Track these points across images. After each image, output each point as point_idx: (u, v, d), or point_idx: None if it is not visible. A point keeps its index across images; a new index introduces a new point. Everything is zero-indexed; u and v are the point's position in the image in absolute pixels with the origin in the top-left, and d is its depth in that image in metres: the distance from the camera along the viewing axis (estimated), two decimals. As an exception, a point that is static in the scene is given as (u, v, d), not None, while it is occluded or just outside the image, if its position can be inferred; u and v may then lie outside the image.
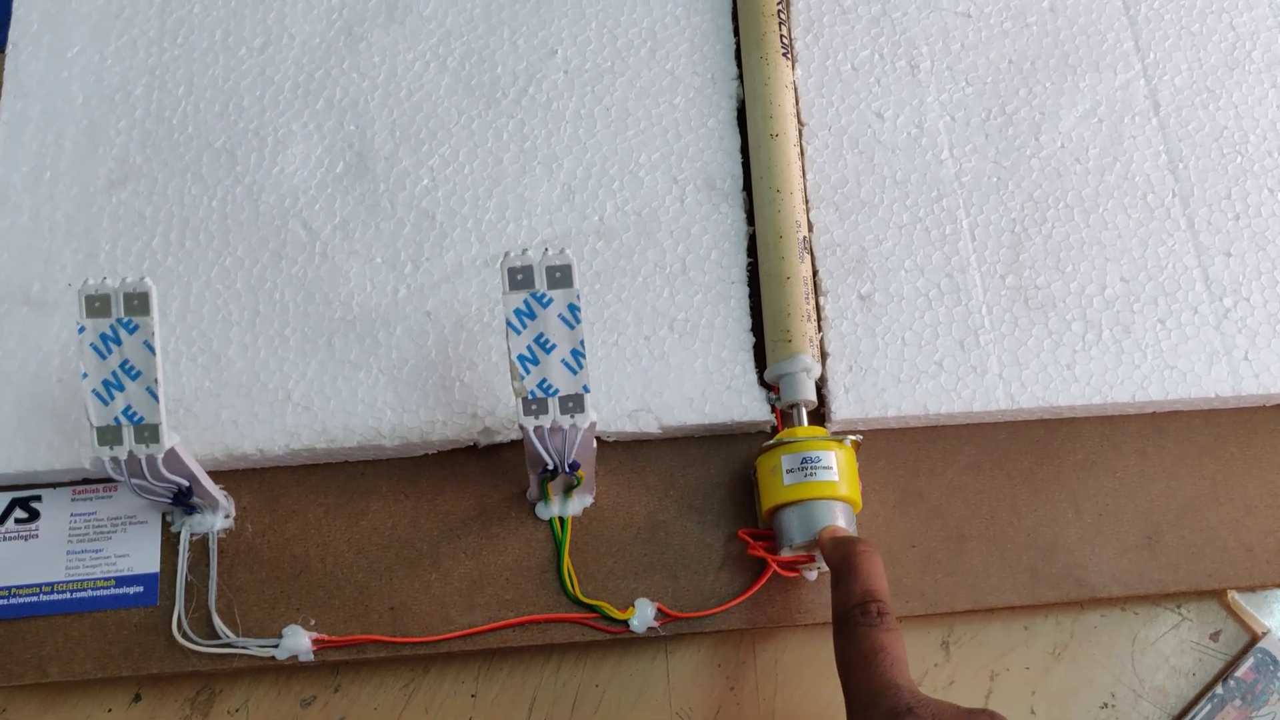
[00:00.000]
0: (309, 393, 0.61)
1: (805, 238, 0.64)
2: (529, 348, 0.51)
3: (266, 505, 0.61)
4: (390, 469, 0.61)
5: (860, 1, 0.71)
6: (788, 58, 0.68)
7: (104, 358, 0.51)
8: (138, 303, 0.51)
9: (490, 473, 0.61)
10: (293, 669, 0.59)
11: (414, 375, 0.61)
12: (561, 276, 0.51)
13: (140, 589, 0.59)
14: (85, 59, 0.69)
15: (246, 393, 0.61)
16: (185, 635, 0.58)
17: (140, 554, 0.59)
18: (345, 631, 0.58)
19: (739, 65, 0.69)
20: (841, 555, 0.52)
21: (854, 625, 0.50)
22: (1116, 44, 0.71)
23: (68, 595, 0.59)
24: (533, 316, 0.51)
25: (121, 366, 0.51)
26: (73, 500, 0.60)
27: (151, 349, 0.51)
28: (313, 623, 0.58)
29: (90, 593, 0.59)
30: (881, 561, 0.52)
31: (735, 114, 0.68)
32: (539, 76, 0.69)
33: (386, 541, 0.60)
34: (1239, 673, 0.60)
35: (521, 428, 0.52)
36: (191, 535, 0.60)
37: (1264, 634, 0.60)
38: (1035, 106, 0.69)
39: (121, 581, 0.59)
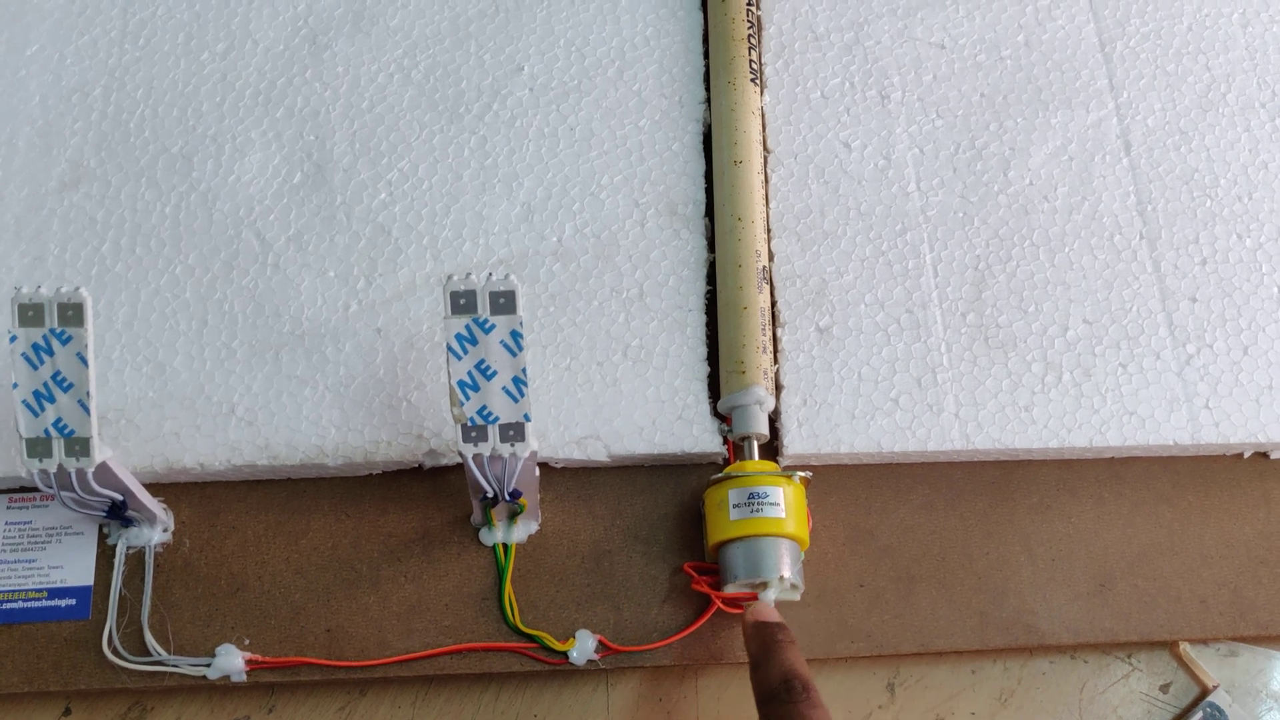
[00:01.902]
0: (253, 407, 0.60)
1: (765, 267, 0.63)
2: (469, 373, 0.50)
3: (206, 520, 0.59)
4: (333, 488, 0.60)
5: (833, 29, 0.70)
6: (756, 83, 0.67)
7: (35, 368, 0.50)
8: (72, 313, 0.49)
9: (435, 495, 0.60)
10: (226, 688, 0.58)
11: (361, 393, 0.60)
12: (505, 302, 0.50)
13: (73, 602, 0.58)
14: (44, 57, 0.68)
15: (190, 405, 0.60)
16: (116, 651, 0.57)
17: (74, 566, 0.58)
18: (280, 652, 0.57)
19: (707, 89, 0.68)
20: (760, 643, 0.52)
21: (779, 703, 0.49)
22: (1090, 81, 0.70)
23: (-2, 606, 0.58)
24: (474, 342, 0.50)
25: (53, 378, 0.50)
26: (8, 508, 0.59)
27: (84, 361, 0.50)
28: (247, 642, 0.57)
29: (21, 604, 0.58)
30: (799, 650, 0.52)
31: (701, 138, 0.67)
32: (504, 93, 0.68)
33: (326, 562, 0.59)
34: (1187, 726, 0.59)
35: (461, 455, 0.51)
36: (128, 548, 0.58)
37: (1214, 687, 0.60)
38: (1005, 142, 0.68)
39: (54, 594, 0.58)
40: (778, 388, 0.61)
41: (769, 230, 0.65)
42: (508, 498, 0.54)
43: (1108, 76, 0.70)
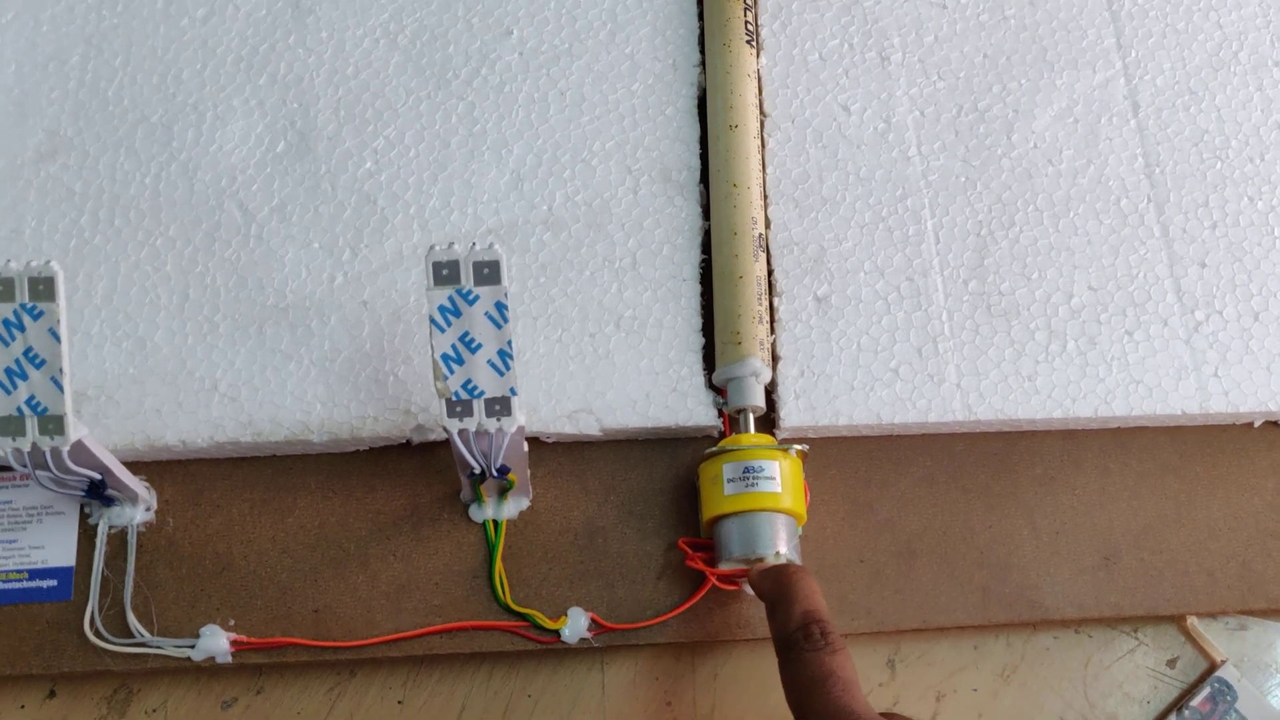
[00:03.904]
0: (236, 383, 0.58)
1: (761, 235, 0.61)
2: (453, 346, 0.49)
3: (189, 499, 0.58)
4: (320, 464, 0.59)
5: (831, -12, 0.68)
6: (752, 45, 0.65)
7: (6, 344, 0.48)
8: (43, 288, 0.48)
9: (423, 471, 0.59)
10: (214, 670, 0.57)
11: (346, 367, 0.58)
12: (489, 273, 0.48)
13: (54, 583, 0.56)
14: (19, 25, 0.66)
15: (171, 381, 0.58)
16: (98, 633, 0.55)
17: (56, 546, 0.57)
18: (267, 633, 0.56)
19: (702, 52, 0.66)
20: (773, 581, 0.51)
21: (799, 651, 0.48)
22: (1097, 40, 0.68)
23: (-22, 587, 0.56)
24: (458, 314, 0.48)
25: (25, 354, 0.48)
26: (-13, 488, 0.58)
27: (57, 337, 0.48)
28: (232, 623, 0.56)
29: (1, 585, 0.56)
30: (816, 581, 0.50)
31: (695, 103, 0.65)
32: (492, 57, 0.66)
33: (313, 540, 0.58)
34: (1194, 702, 0.57)
35: (446, 430, 0.50)
36: (110, 528, 0.57)
37: (1222, 662, 0.58)
38: (1009, 104, 0.66)
39: (35, 574, 0.57)
40: (774, 359, 0.60)
41: (765, 197, 0.63)
42: (496, 474, 0.53)
43: (1115, 35, 0.68)
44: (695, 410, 0.58)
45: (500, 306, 0.48)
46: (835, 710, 0.46)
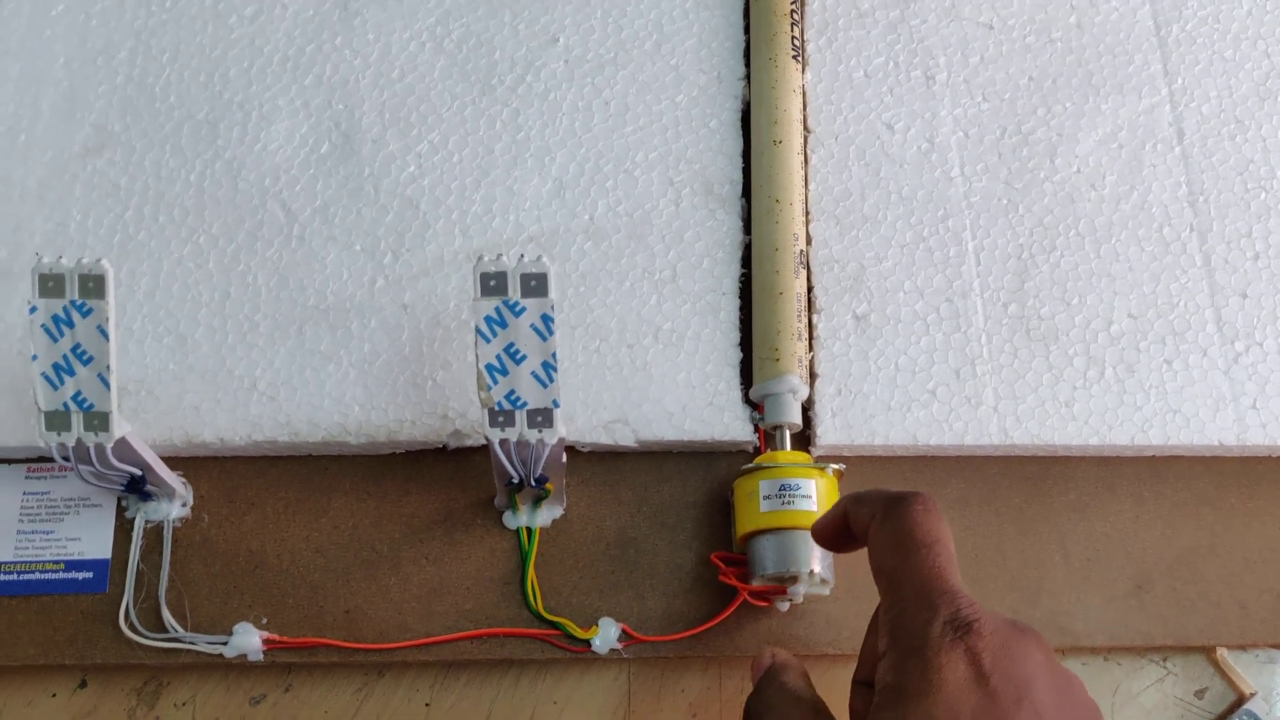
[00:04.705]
0: (275, 382, 0.58)
1: (802, 251, 0.61)
2: (498, 357, 0.49)
3: (225, 496, 0.58)
4: (355, 466, 0.59)
5: (878, 5, 0.68)
6: (798, 60, 0.65)
7: (55, 340, 0.49)
8: (93, 285, 0.48)
9: (458, 476, 0.59)
10: (243, 666, 0.57)
11: (385, 370, 0.59)
12: (537, 285, 0.48)
13: (90, 575, 0.57)
14: (69, 18, 0.66)
15: (211, 378, 0.59)
16: (132, 627, 0.56)
17: (92, 538, 0.57)
18: (298, 632, 0.56)
19: (747, 65, 0.66)
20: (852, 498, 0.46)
21: (909, 508, 0.43)
22: (1144, 66, 0.67)
23: (14, 577, 0.57)
24: (504, 325, 0.49)
25: (73, 350, 0.49)
26: (26, 478, 0.58)
27: (105, 334, 0.49)
28: (264, 621, 0.56)
29: (38, 575, 0.57)
30: None
31: (739, 116, 0.65)
32: (538, 64, 0.66)
33: (346, 541, 0.58)
34: (1222, 734, 0.57)
35: (487, 439, 0.50)
36: (146, 522, 0.58)
37: (1251, 695, 0.58)
38: (1053, 127, 0.66)
39: (71, 566, 0.57)
40: (812, 376, 0.60)
41: (807, 213, 0.63)
42: (534, 483, 0.53)
43: (1162, 61, 0.68)
44: (731, 425, 0.58)
45: (546, 319, 0.49)
46: (935, 577, 0.41)
